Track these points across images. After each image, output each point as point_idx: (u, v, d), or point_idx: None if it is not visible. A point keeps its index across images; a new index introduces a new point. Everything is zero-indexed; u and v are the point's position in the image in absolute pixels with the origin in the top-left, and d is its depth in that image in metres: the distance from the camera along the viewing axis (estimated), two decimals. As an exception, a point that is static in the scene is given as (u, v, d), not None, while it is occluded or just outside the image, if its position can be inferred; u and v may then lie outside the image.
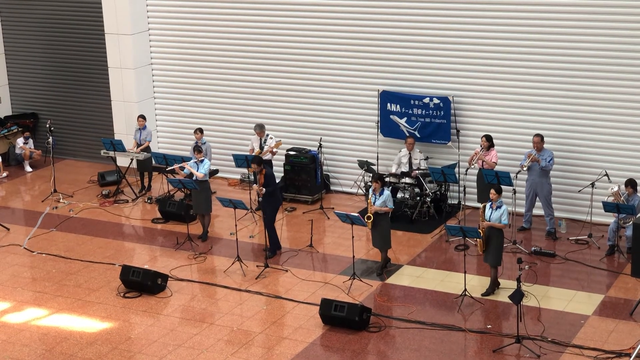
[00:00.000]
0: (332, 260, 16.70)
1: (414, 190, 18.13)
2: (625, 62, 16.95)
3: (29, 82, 23.37)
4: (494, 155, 17.36)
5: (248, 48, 20.35)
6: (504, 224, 14.73)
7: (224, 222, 18.44)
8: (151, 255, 17.27)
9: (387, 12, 18.75)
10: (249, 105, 20.63)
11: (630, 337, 13.51)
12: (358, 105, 19.52)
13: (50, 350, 13.86)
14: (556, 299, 14.86)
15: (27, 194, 21.01)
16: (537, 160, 16.80)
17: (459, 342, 13.70)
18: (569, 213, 17.83)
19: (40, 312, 15.09)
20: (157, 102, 21.71)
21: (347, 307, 14.07)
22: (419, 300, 15.03)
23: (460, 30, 18.19)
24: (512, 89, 17.99)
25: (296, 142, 20.00)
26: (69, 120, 22.98)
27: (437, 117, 18.53)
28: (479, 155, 17.29)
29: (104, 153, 20.22)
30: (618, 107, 17.21)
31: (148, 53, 21.43)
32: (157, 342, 13.97)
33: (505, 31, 17.81)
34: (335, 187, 20.08)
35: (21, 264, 17.03)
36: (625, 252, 16.21)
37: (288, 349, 13.66)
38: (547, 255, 16.38)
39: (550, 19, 17.37)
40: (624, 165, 17.23)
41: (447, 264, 16.36)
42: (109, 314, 14.94)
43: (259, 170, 16.42)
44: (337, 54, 19.47)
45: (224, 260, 16.75)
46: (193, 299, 15.41)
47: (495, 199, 14.77)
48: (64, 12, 22.42)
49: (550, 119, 17.74)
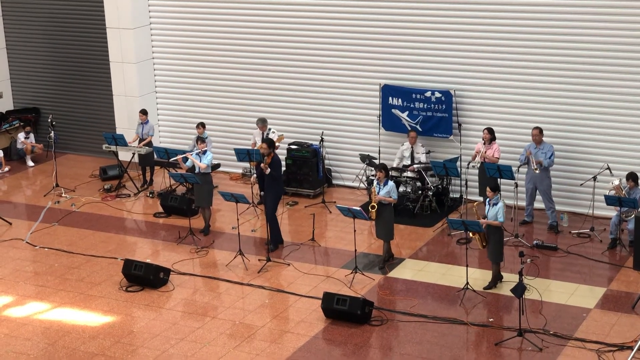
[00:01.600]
0: (334, 254, 16.71)
1: (415, 184, 18.13)
2: (627, 56, 16.93)
3: (30, 77, 23.36)
4: (496, 150, 17.34)
5: (250, 42, 20.33)
6: (499, 222, 14.70)
7: (226, 216, 18.45)
8: (153, 249, 17.28)
9: (389, 7, 18.72)
10: (251, 100, 20.63)
11: (632, 330, 13.51)
12: (360, 99, 19.51)
13: (53, 344, 13.87)
14: (558, 292, 14.86)
15: (29, 189, 21.01)
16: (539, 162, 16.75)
17: (461, 335, 13.71)
18: (571, 206, 17.83)
19: (42, 306, 15.10)
20: (158, 96, 21.71)
21: (349, 300, 14.07)
22: (421, 294, 15.04)
23: (461, 24, 18.17)
24: (514, 82, 17.98)
25: (298, 136, 20.00)
26: (71, 115, 22.98)
27: (438, 111, 18.53)
28: (481, 153, 17.27)
29: (106, 147, 20.21)
30: (620, 101, 17.20)
31: (150, 47, 21.42)
32: (159, 336, 13.99)
33: (507, 24, 17.79)
34: (337, 181, 20.08)
35: (23, 258, 17.04)
36: (627, 245, 16.21)
37: (290, 342, 13.67)
38: (549, 249, 16.38)
39: (551, 12, 17.35)
40: (626, 158, 17.23)
41: (449, 258, 16.37)
42: (112, 307, 14.96)
43: (267, 153, 16.37)
44: (338, 48, 19.46)
45: (226, 254, 16.76)
46: (195, 292, 15.42)
47: (491, 196, 14.77)
48: (66, 7, 22.41)
49: (552, 112, 17.74)
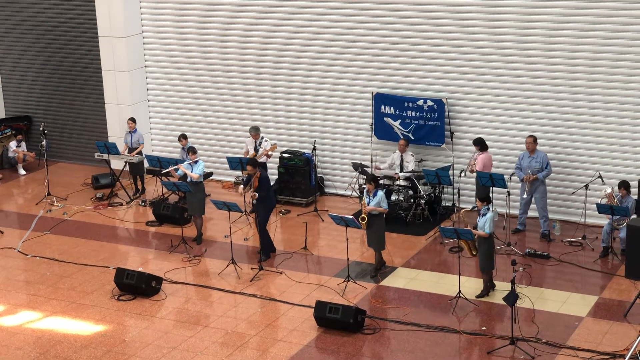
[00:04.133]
0: (327, 263, 16.70)
1: (408, 193, 18.14)
2: (619, 65, 16.98)
3: (22, 85, 23.32)
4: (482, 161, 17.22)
5: (242, 51, 20.34)
6: (486, 233, 14.70)
7: (218, 225, 18.43)
8: (145, 258, 17.24)
9: (381, 15, 18.76)
10: (243, 108, 20.63)
11: (625, 338, 13.52)
12: (352, 108, 19.53)
13: (44, 353, 13.83)
14: (550, 300, 14.88)
15: (21, 197, 20.97)
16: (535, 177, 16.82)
17: (454, 343, 13.71)
18: (563, 215, 17.85)
19: (34, 315, 15.06)
20: (150, 104, 21.70)
21: (342, 309, 14.06)
22: (414, 302, 15.04)
23: (454, 33, 18.21)
24: (506, 91, 18.02)
25: (290, 144, 20.00)
26: (63, 123, 22.94)
27: (431, 120, 18.55)
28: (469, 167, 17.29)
29: (98, 156, 20.19)
30: (611, 110, 17.24)
31: (142, 56, 21.41)
32: (151, 345, 13.96)
33: (499, 34, 17.83)
34: (330, 190, 20.08)
35: (15, 267, 17.00)
36: (619, 253, 16.23)
37: (282, 351, 13.65)
38: (541, 257, 16.39)
39: (543, 21, 17.40)
40: (618, 167, 17.26)
41: (441, 266, 16.37)
42: (103, 316, 14.92)
43: (254, 173, 16.39)
44: (331, 57, 19.48)
45: (218, 262, 16.74)
46: (187, 301, 15.39)
47: (480, 206, 14.80)
48: (58, 15, 22.40)
49: (544, 121, 17.77)
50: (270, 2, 19.78)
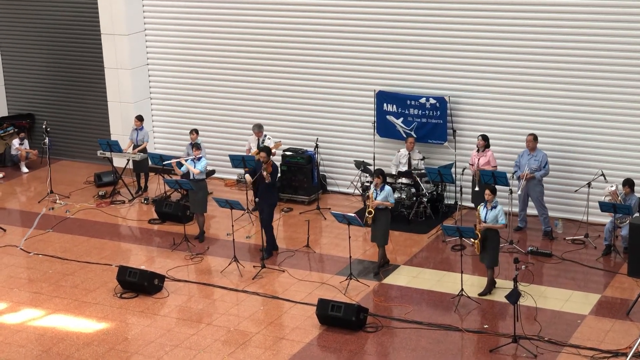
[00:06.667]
0: (329, 261, 16.70)
1: (410, 191, 18.13)
2: (621, 62, 16.97)
3: (25, 83, 23.34)
4: (491, 158, 17.26)
5: (244, 48, 20.34)
6: (502, 224, 14.72)
7: (220, 223, 18.44)
8: (148, 255, 17.25)
9: (384, 13, 18.75)
10: (246, 106, 20.63)
11: (627, 336, 13.52)
12: (354, 106, 19.52)
13: (47, 351, 13.84)
14: (553, 298, 14.87)
15: (24, 195, 20.98)
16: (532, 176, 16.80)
17: (456, 342, 13.71)
18: (565, 213, 17.85)
19: (36, 313, 15.07)
20: (153, 102, 21.70)
21: (344, 307, 14.07)
22: (416, 300, 15.04)
23: (456, 31, 18.20)
24: (509, 89, 18.01)
25: (293, 142, 20.00)
26: (65, 121, 22.96)
27: (433, 118, 18.54)
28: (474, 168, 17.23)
29: (101, 154, 20.20)
30: (614, 107, 17.23)
31: (144, 53, 21.41)
32: (154, 343, 13.97)
33: (501, 31, 17.82)
34: (332, 188, 20.08)
35: (18, 264, 17.01)
36: (622, 251, 16.22)
37: (285, 349, 13.65)
38: (543, 255, 16.39)
39: (545, 19, 17.39)
40: (620, 165, 17.25)
41: (443, 264, 16.37)
42: (106, 314, 14.93)
43: (266, 161, 16.30)
44: (333, 54, 19.47)
45: (221, 260, 16.74)
46: (190, 299, 15.40)
47: (490, 199, 14.76)
48: (60, 13, 22.41)
49: (546, 118, 17.76)
50: (274, 0, 19.77)
